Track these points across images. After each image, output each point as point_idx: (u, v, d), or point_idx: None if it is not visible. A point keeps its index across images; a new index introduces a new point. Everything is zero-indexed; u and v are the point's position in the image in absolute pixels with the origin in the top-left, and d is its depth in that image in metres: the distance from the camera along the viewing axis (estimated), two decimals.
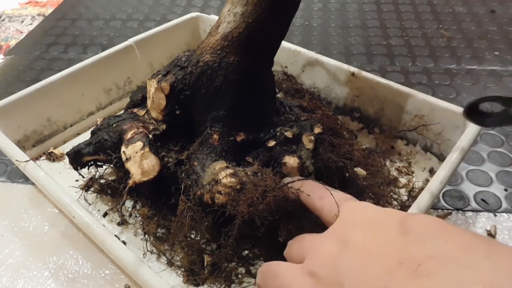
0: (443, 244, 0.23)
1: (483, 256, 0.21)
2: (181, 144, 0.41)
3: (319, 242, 0.29)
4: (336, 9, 0.88)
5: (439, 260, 0.22)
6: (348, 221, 0.29)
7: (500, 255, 0.21)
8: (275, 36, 0.39)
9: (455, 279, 0.20)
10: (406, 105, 0.49)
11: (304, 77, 0.57)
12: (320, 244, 0.29)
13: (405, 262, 0.23)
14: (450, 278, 0.20)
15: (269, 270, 0.30)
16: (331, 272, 0.26)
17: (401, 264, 0.23)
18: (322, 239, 0.29)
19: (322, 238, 0.29)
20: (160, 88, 0.39)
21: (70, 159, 0.43)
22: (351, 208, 0.30)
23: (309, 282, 0.27)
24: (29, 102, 0.51)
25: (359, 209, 0.30)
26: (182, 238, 0.39)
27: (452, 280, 0.20)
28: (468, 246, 0.22)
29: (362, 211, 0.29)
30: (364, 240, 0.26)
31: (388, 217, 0.27)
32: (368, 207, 0.30)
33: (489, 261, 0.21)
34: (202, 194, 0.36)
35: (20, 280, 0.41)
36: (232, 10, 0.37)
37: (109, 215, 0.45)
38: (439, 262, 0.21)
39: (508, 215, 0.46)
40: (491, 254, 0.21)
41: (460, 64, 0.69)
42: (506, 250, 0.22)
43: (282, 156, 0.38)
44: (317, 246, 0.29)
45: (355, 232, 0.27)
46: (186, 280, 0.38)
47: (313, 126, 0.40)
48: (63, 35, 0.82)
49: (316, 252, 0.28)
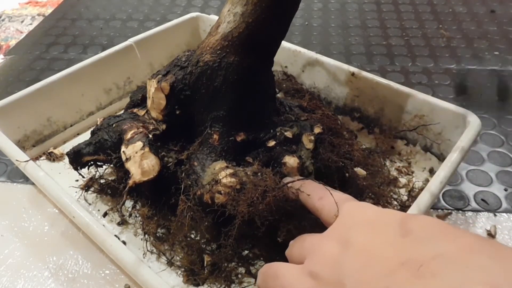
0: (444, 245, 0.23)
1: (486, 257, 0.21)
2: (181, 144, 0.41)
3: (320, 242, 0.29)
4: (336, 9, 0.88)
5: (441, 261, 0.22)
6: (349, 221, 0.29)
7: (502, 256, 0.21)
8: (275, 36, 0.39)
9: (458, 280, 0.20)
10: (406, 105, 0.49)
11: (304, 77, 0.57)
12: (321, 244, 0.29)
13: (407, 263, 0.22)
14: (453, 279, 0.20)
15: (270, 270, 0.30)
16: (332, 272, 0.26)
17: (403, 264, 0.23)
18: (323, 239, 0.29)
19: (323, 238, 0.29)
20: (160, 88, 0.39)
21: (70, 159, 0.43)
22: (351, 208, 0.30)
23: (310, 283, 0.27)
24: (29, 102, 0.51)
25: (359, 209, 0.30)
26: (182, 238, 0.39)
27: (455, 281, 0.20)
28: (470, 247, 0.22)
29: (363, 211, 0.29)
30: (365, 241, 0.26)
31: (389, 218, 0.27)
32: (368, 207, 0.30)
33: (492, 262, 0.21)
34: (202, 194, 0.36)
35: (20, 280, 0.41)
36: (232, 10, 0.37)
37: (109, 215, 0.45)
38: (441, 263, 0.21)
39: (508, 215, 0.46)
40: (494, 255, 0.21)
41: (460, 64, 0.70)
42: (509, 251, 0.22)
43: (282, 156, 0.38)
44: (318, 246, 0.29)
45: (356, 233, 0.27)
46: (186, 280, 0.38)
47: (313, 126, 0.40)
48: (63, 35, 0.81)
49: (317, 253, 0.28)
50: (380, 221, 0.27)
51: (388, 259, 0.24)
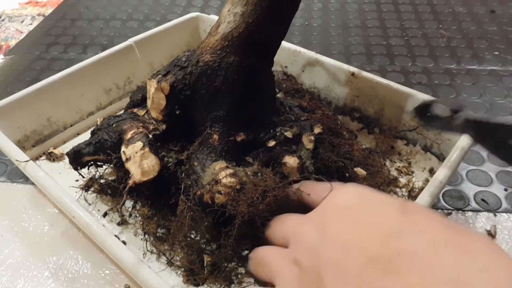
0: (415, 241, 0.22)
1: (454, 253, 0.21)
2: (181, 144, 0.41)
3: (300, 227, 0.28)
4: (336, 9, 0.88)
5: (409, 257, 0.21)
6: (330, 206, 0.28)
7: (472, 250, 0.21)
8: (275, 36, 0.39)
9: (425, 277, 0.20)
10: (406, 105, 0.49)
11: (304, 77, 0.57)
12: (301, 229, 0.28)
13: (377, 258, 0.22)
14: (419, 277, 0.20)
15: (258, 257, 0.31)
16: (312, 262, 0.25)
17: (374, 260, 0.22)
18: (302, 223, 0.28)
19: (302, 222, 0.29)
20: (160, 88, 0.39)
21: (70, 159, 0.43)
22: (339, 192, 0.29)
23: (294, 271, 0.27)
24: (29, 102, 0.51)
25: (346, 194, 0.28)
26: (182, 238, 0.39)
27: (422, 278, 0.20)
28: (440, 242, 0.22)
29: (348, 197, 0.28)
30: (341, 230, 0.25)
31: (372, 207, 0.26)
32: (358, 193, 0.28)
33: (460, 258, 0.20)
34: (202, 194, 0.36)
35: (20, 280, 0.41)
36: (232, 10, 0.37)
37: (109, 215, 0.45)
38: (408, 259, 0.21)
39: (508, 215, 0.46)
40: (463, 250, 0.21)
41: (460, 64, 0.70)
42: (480, 244, 0.21)
43: (282, 156, 0.38)
44: (298, 231, 0.28)
45: (333, 219, 0.26)
46: (186, 280, 0.38)
47: (313, 126, 0.40)
48: (63, 35, 0.82)
49: (299, 238, 0.28)
50: (361, 210, 0.26)
51: (361, 252, 0.23)
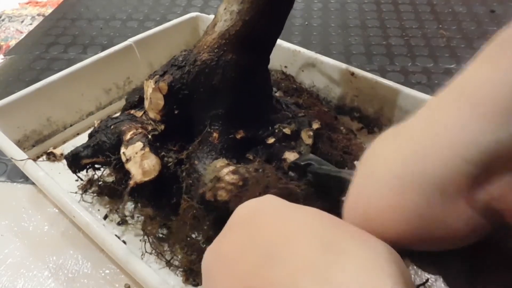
0: (279, 264, 0.19)
1: (316, 283, 0.18)
2: (179, 144, 0.41)
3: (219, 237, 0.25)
4: (336, 9, 0.88)
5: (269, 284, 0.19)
6: (233, 218, 0.26)
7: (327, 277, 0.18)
8: (271, 33, 0.39)
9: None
10: (406, 105, 0.49)
11: (303, 77, 0.57)
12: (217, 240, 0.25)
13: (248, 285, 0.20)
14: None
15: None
16: (207, 280, 0.24)
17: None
18: (221, 234, 0.25)
19: (222, 232, 0.26)
20: (158, 88, 0.39)
21: (68, 162, 0.43)
22: (247, 203, 0.26)
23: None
24: (29, 102, 0.51)
25: (247, 206, 0.26)
26: (183, 238, 0.39)
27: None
28: (300, 269, 0.19)
29: (245, 209, 0.26)
30: (226, 247, 0.23)
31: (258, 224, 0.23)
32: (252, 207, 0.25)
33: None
34: (204, 192, 0.36)
35: (20, 280, 0.41)
36: (229, 8, 0.37)
37: (109, 215, 0.45)
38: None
39: None
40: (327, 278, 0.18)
41: (460, 64, 0.69)
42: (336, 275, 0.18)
43: (282, 152, 0.38)
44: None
45: (224, 233, 0.25)
46: (186, 280, 0.38)
47: (311, 122, 0.40)
48: (63, 35, 0.82)
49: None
50: (248, 225, 0.24)
51: (234, 280, 0.21)
